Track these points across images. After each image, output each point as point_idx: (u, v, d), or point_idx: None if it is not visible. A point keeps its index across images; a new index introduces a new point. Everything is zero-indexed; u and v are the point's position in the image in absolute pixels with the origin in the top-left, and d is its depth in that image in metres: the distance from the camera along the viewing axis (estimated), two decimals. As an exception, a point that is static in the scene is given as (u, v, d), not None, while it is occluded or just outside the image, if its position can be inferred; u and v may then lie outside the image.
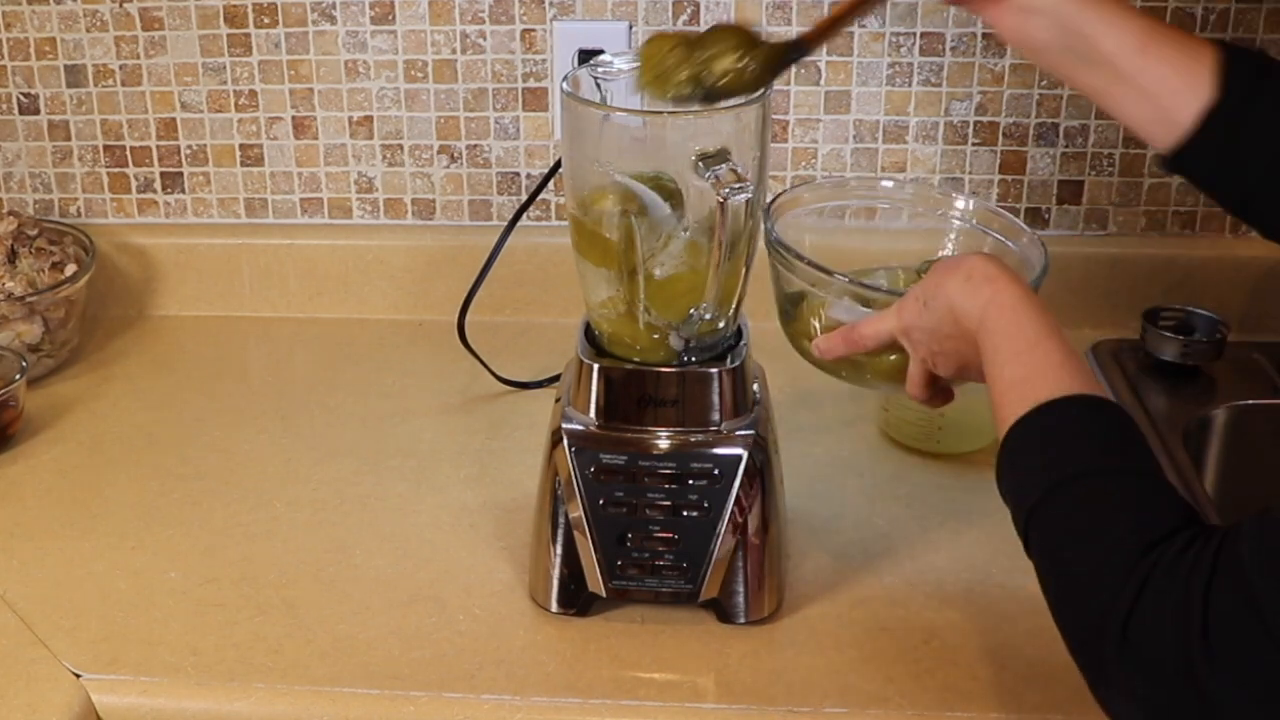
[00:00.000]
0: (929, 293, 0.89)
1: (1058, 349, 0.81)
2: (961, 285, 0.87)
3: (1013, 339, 0.82)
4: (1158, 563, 0.68)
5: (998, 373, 0.82)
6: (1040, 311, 0.84)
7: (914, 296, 0.91)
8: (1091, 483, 0.74)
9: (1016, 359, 0.81)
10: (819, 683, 0.97)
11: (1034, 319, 0.83)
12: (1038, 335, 0.82)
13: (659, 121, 1.01)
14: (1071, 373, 0.79)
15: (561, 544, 1.03)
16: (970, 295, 0.86)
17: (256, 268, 1.52)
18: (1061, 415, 0.77)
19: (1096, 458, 0.75)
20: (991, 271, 0.87)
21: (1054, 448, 0.76)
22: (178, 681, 0.98)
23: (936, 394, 0.95)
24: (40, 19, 1.47)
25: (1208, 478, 1.32)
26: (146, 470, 1.25)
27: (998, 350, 0.83)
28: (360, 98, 1.48)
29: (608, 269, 1.00)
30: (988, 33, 1.41)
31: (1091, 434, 0.76)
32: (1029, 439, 0.78)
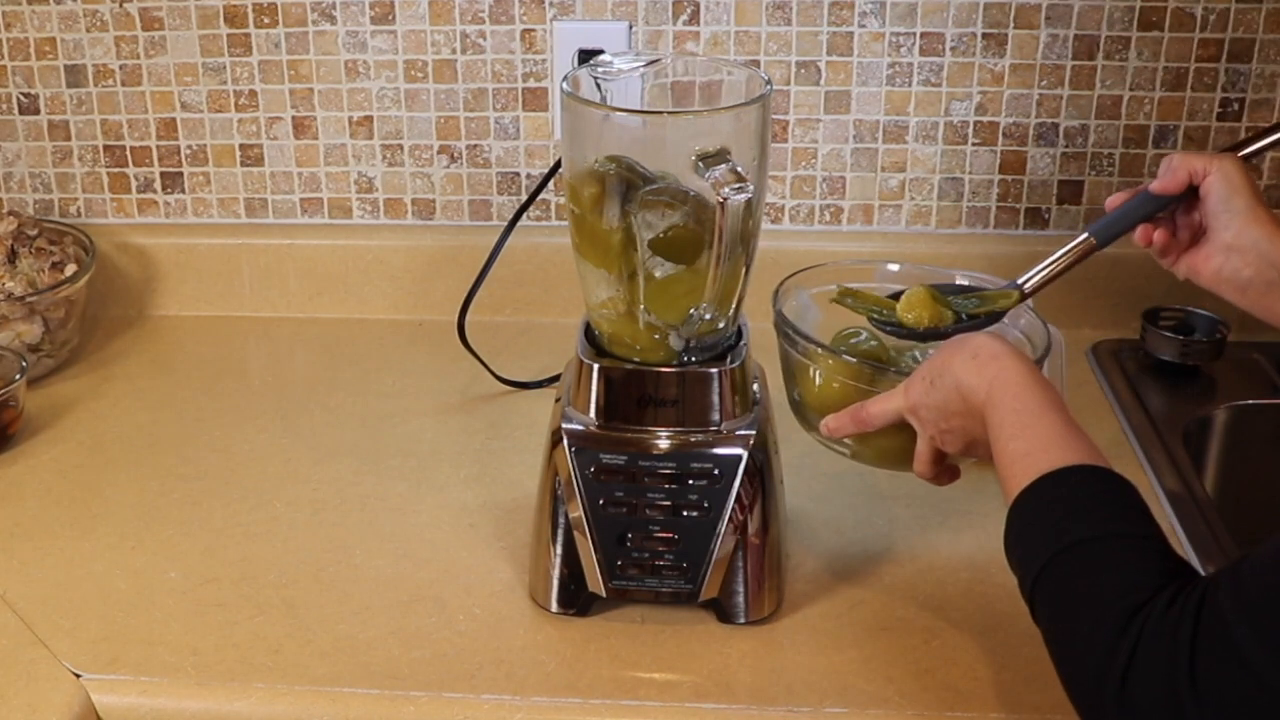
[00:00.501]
0: (935, 371, 0.91)
1: (1060, 421, 0.84)
2: (967, 363, 0.89)
3: (1018, 413, 0.85)
4: (1146, 622, 0.71)
5: (1003, 446, 0.84)
6: (1044, 387, 0.87)
7: (920, 376, 0.93)
8: (1086, 550, 0.76)
9: (1021, 433, 0.84)
10: (819, 683, 0.97)
11: (1038, 394, 0.85)
12: (1041, 409, 0.84)
13: (659, 121, 1.01)
14: (1074, 444, 0.82)
15: (561, 544, 1.03)
16: (976, 372, 0.88)
17: (256, 268, 1.52)
18: (1063, 486, 0.80)
19: (1093, 525, 0.77)
20: (997, 349, 0.89)
21: (1054, 518, 0.79)
22: (178, 681, 0.98)
23: (943, 472, 0.97)
24: (40, 19, 1.47)
25: (1208, 478, 1.32)
26: (146, 470, 1.25)
27: (1003, 424, 0.85)
28: (360, 98, 1.48)
29: (608, 269, 1.00)
30: (988, 33, 1.41)
31: (1089, 503, 0.79)
32: (1032, 510, 0.81)
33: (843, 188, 1.48)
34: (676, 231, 0.98)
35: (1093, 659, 0.73)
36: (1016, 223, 1.48)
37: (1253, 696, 0.66)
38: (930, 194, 1.48)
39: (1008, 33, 1.41)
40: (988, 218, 1.48)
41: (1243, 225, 0.95)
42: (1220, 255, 0.97)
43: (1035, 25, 1.40)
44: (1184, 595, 0.71)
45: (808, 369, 1.03)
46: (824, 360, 1.02)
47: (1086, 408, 1.31)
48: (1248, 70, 1.41)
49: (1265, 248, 0.94)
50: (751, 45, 1.43)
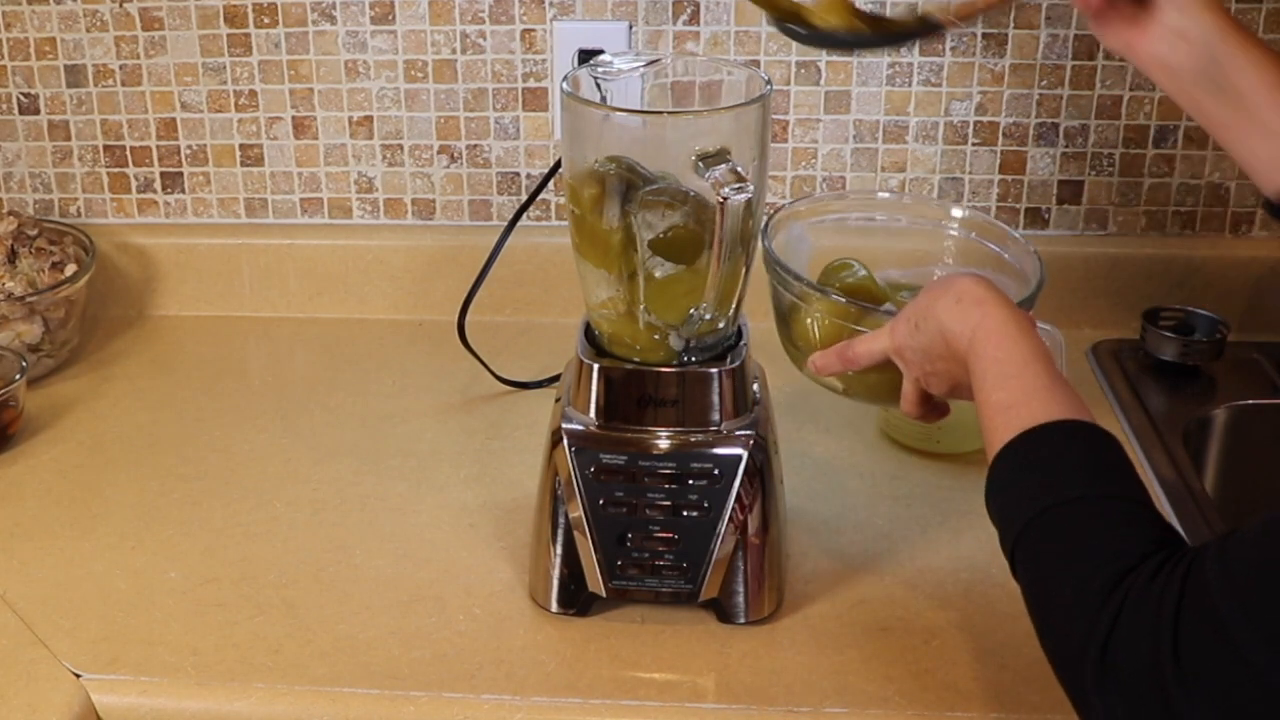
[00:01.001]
0: (920, 314, 0.90)
1: (1045, 372, 0.82)
2: (951, 307, 0.88)
3: (1000, 363, 0.83)
4: (1130, 589, 0.70)
5: (986, 397, 0.83)
6: (1028, 334, 0.85)
7: (905, 317, 0.92)
8: (1071, 510, 0.75)
9: (1004, 383, 0.82)
10: (819, 683, 0.97)
11: (1022, 342, 0.84)
12: (1025, 359, 0.83)
13: (659, 121, 1.01)
14: (1058, 397, 0.80)
15: (561, 544, 1.03)
16: (960, 318, 0.87)
17: (256, 268, 1.52)
18: (1046, 441, 0.79)
19: (1077, 484, 0.76)
20: (980, 294, 0.87)
21: (1038, 475, 0.78)
22: (178, 681, 0.98)
23: (930, 410, 0.96)
24: (40, 19, 1.47)
25: (1208, 478, 1.32)
26: (146, 470, 1.25)
27: (986, 374, 0.84)
28: (360, 98, 1.48)
29: (608, 269, 1.00)
30: (988, 33, 1.41)
31: (1074, 460, 0.78)
32: (1015, 465, 0.79)
33: (843, 188, 1.48)
34: (676, 231, 0.98)
35: (1074, 625, 0.72)
36: (1016, 223, 1.48)
37: (1236, 672, 0.65)
38: (930, 194, 1.48)
39: (1008, 33, 1.41)
40: (988, 218, 1.48)
41: (1191, 7, 0.89)
42: (1164, 39, 0.90)
43: (1035, 25, 1.40)
44: (1170, 564, 0.69)
45: (798, 307, 1.02)
46: (812, 298, 1.01)
47: (1086, 408, 1.31)
48: (1248, 70, 1.41)
49: (1214, 40, 0.89)
50: (751, 45, 1.43)
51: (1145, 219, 1.48)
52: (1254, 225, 1.47)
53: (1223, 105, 0.90)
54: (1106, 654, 0.70)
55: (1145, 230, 1.48)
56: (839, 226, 1.15)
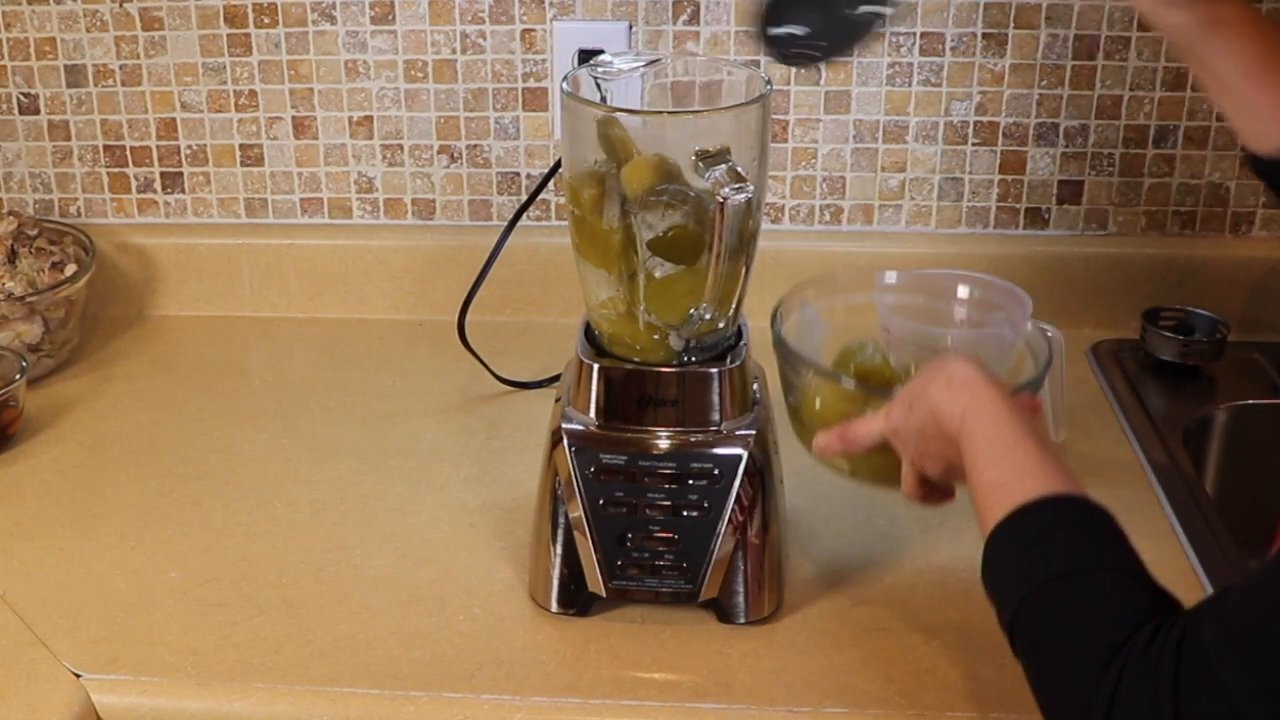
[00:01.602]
0: (914, 396, 0.91)
1: (1035, 449, 0.83)
2: (942, 390, 0.89)
3: (991, 442, 0.84)
4: (1127, 661, 0.70)
5: (978, 477, 0.84)
6: (1018, 413, 0.86)
7: (901, 400, 0.93)
8: (1062, 586, 0.76)
9: (996, 462, 0.83)
10: (819, 683, 0.97)
11: (1012, 422, 0.85)
12: (1016, 438, 0.84)
13: (659, 121, 1.01)
14: (1049, 472, 0.81)
15: (561, 544, 1.03)
16: (950, 400, 0.88)
17: (256, 268, 1.52)
18: (1037, 517, 0.79)
19: (1067, 559, 0.77)
20: (971, 376, 0.88)
21: (1031, 552, 0.78)
22: (178, 681, 0.98)
23: (931, 493, 0.96)
24: (40, 19, 1.47)
25: (1208, 478, 1.32)
26: (146, 470, 1.25)
27: (978, 453, 0.85)
28: (360, 98, 1.48)
29: (608, 269, 1.00)
30: (988, 33, 1.41)
31: (1063, 535, 0.78)
32: (1008, 544, 0.80)
33: (843, 188, 1.48)
34: (676, 231, 0.98)
35: (1075, 699, 0.72)
36: (1016, 223, 1.48)
37: None
38: (930, 194, 1.48)
39: (1008, 33, 1.41)
40: (988, 218, 1.48)
41: None
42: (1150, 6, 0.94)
43: (1035, 25, 1.40)
44: (1165, 630, 0.70)
45: (804, 388, 1.03)
46: (817, 382, 1.02)
47: (1086, 408, 1.31)
48: (1248, 70, 1.41)
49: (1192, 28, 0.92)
50: (751, 45, 1.43)
51: (1145, 219, 1.48)
52: (1254, 225, 1.47)
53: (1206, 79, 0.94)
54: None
55: (1145, 230, 1.48)
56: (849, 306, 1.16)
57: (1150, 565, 0.80)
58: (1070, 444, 1.22)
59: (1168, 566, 1.08)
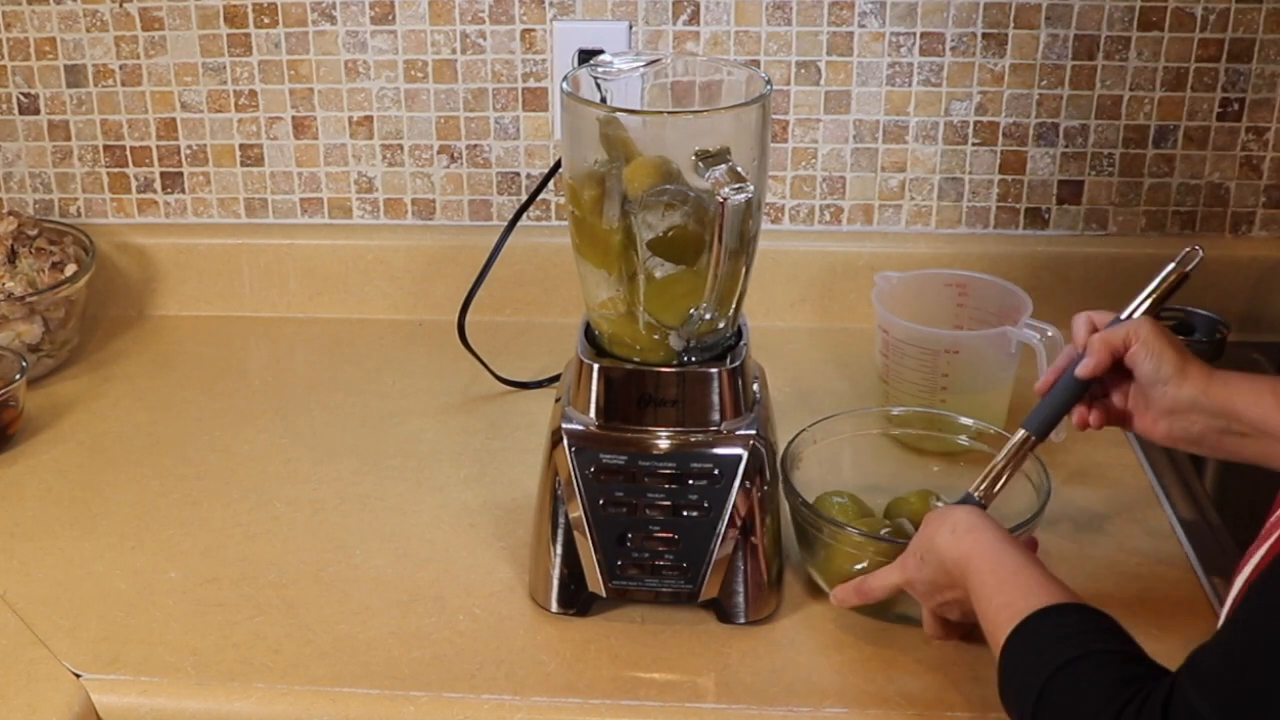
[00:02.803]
0: (924, 548, 0.96)
1: (1035, 574, 0.88)
2: (948, 538, 0.93)
3: (995, 574, 0.89)
4: None
5: (985, 606, 0.88)
6: (1017, 548, 0.91)
7: (913, 551, 0.97)
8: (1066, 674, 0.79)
9: (1001, 589, 0.88)
10: (819, 683, 0.97)
11: (1014, 556, 0.90)
12: (1018, 567, 0.89)
13: (659, 121, 1.01)
14: (1050, 589, 0.86)
15: (561, 544, 1.03)
16: (955, 547, 0.93)
17: (256, 268, 1.52)
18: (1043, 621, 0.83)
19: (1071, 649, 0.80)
20: (972, 523, 0.94)
21: (1038, 653, 0.82)
22: (178, 681, 0.98)
23: (953, 631, 1.00)
24: (40, 19, 1.47)
25: (1208, 478, 1.32)
26: (146, 470, 1.25)
27: (984, 585, 0.89)
28: (360, 98, 1.48)
29: (608, 270, 1.00)
30: (988, 33, 1.41)
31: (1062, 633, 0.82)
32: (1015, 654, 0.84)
33: (843, 188, 1.48)
34: (676, 231, 0.99)
35: None
36: (1016, 223, 1.48)
37: None
38: (930, 194, 1.48)
39: (1008, 33, 1.41)
40: (988, 218, 1.48)
41: (1175, 390, 0.96)
42: (1164, 420, 0.98)
43: (1035, 25, 1.40)
44: (1152, 697, 0.73)
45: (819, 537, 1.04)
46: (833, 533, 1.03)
47: (1086, 408, 1.31)
48: (1248, 70, 1.41)
49: (1203, 403, 0.96)
50: (751, 45, 1.43)
51: (1145, 219, 1.48)
52: (1254, 225, 1.47)
53: (1252, 444, 0.96)
54: None
55: (1145, 230, 1.48)
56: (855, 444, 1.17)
57: (1151, 565, 0.80)
58: (1070, 444, 1.22)
59: (1168, 567, 1.08)
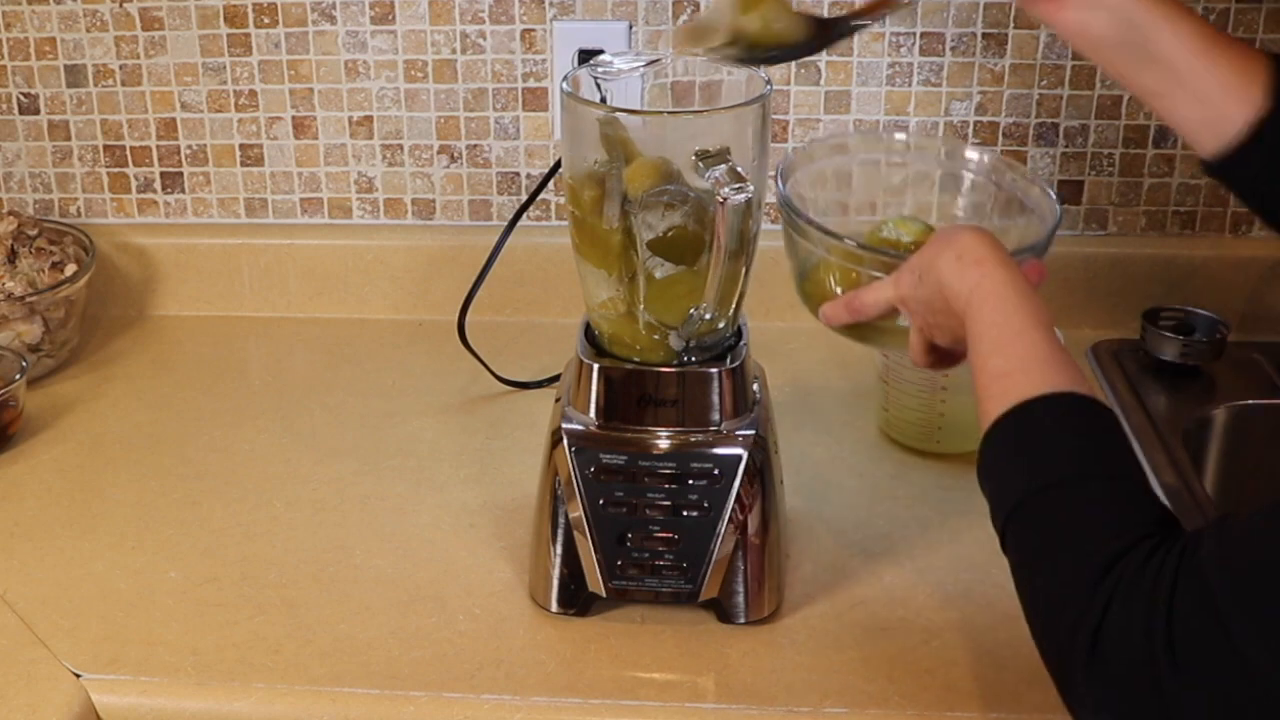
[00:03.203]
0: (923, 266, 0.89)
1: (1042, 340, 0.80)
2: (952, 264, 0.86)
3: (998, 327, 0.82)
4: (1122, 577, 0.68)
5: (982, 363, 0.82)
6: (1028, 298, 0.83)
7: (910, 268, 0.91)
8: (1063, 492, 0.74)
9: (1000, 350, 0.81)
10: (819, 683, 0.97)
11: (1021, 307, 0.82)
12: (1023, 325, 0.81)
13: (659, 121, 1.01)
14: (1055, 366, 0.79)
15: (561, 544, 1.03)
16: (959, 276, 0.85)
17: (256, 268, 1.52)
18: (1041, 415, 0.77)
19: (1071, 464, 0.75)
20: (981, 253, 0.86)
21: (1032, 451, 0.77)
22: (178, 681, 0.98)
23: (939, 359, 0.95)
24: (40, 19, 1.47)
25: (1208, 478, 1.32)
26: (146, 470, 1.25)
27: (982, 338, 0.82)
28: (360, 98, 1.48)
29: (608, 270, 1.00)
30: (988, 33, 1.41)
31: (1068, 437, 0.76)
32: (1009, 440, 0.78)
33: (843, 188, 1.48)
34: (676, 232, 0.98)
35: (1066, 611, 0.70)
36: (1016, 223, 1.48)
37: (1231, 667, 0.64)
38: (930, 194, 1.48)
39: (1008, 33, 1.41)
40: (988, 218, 1.48)
41: None
42: (1081, 7, 0.88)
43: (1035, 25, 1.40)
44: (1164, 550, 0.68)
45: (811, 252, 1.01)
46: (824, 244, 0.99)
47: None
48: (1248, 70, 1.41)
49: (1131, 7, 0.87)
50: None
51: (1145, 219, 1.48)
52: (1254, 225, 1.47)
53: (1149, 73, 0.88)
54: (1098, 643, 0.68)
55: (1145, 230, 1.48)
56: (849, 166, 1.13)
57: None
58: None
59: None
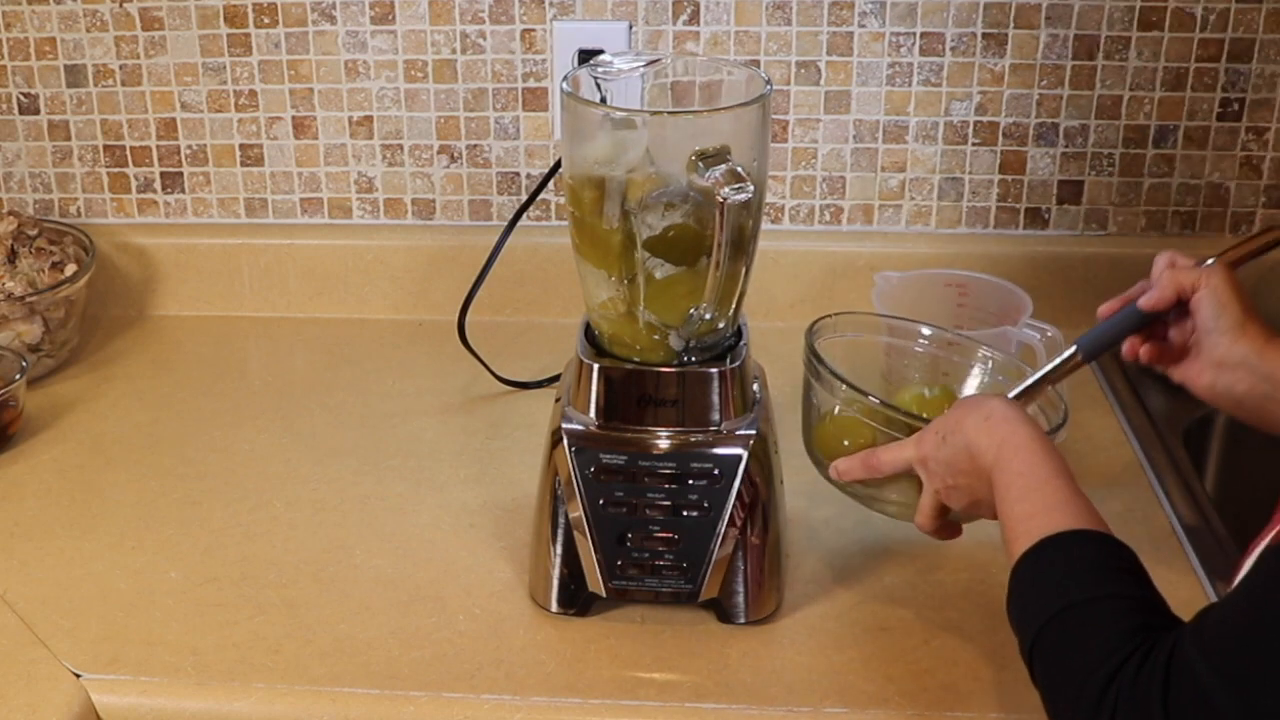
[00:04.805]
0: (949, 428, 0.93)
1: (1064, 488, 0.85)
2: (980, 424, 0.90)
3: (1024, 476, 0.86)
4: (1120, 688, 0.71)
5: (1009, 509, 0.85)
6: (1051, 453, 0.87)
7: (934, 430, 0.94)
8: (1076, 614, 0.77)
9: (1027, 497, 0.85)
10: (819, 683, 0.97)
11: (1045, 460, 0.86)
12: (1048, 475, 0.85)
13: (659, 121, 1.01)
14: (1075, 511, 0.83)
15: (561, 544, 1.03)
16: (987, 434, 0.89)
17: (256, 268, 1.52)
18: (1058, 551, 0.81)
19: (1085, 588, 0.78)
20: (1009, 414, 0.90)
21: (1048, 583, 0.80)
22: (178, 681, 0.98)
23: (944, 526, 0.98)
24: (40, 19, 1.47)
25: (1208, 478, 1.32)
26: (146, 470, 1.25)
27: (1010, 487, 0.86)
28: (360, 98, 1.48)
29: (608, 270, 1.00)
30: (988, 33, 1.41)
31: (1085, 565, 0.80)
32: (1030, 575, 0.82)
33: (843, 188, 1.48)
34: (677, 232, 0.98)
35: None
36: (1016, 223, 1.48)
37: None
38: (930, 194, 1.48)
39: (1008, 33, 1.41)
40: (988, 218, 1.48)
41: (1230, 343, 0.94)
42: (1211, 371, 0.96)
43: (1035, 25, 1.40)
44: (1155, 652, 0.71)
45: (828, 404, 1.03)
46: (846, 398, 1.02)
47: (1086, 408, 1.31)
48: (1248, 70, 1.41)
49: (1255, 363, 0.93)
50: (751, 45, 1.43)
51: (1145, 219, 1.48)
52: (1254, 225, 1.47)
53: None
54: None
55: (1145, 230, 1.48)
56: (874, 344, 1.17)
57: (1150, 566, 0.80)
58: (1070, 444, 1.22)
59: (1168, 567, 1.08)
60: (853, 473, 1.00)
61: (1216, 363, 0.95)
